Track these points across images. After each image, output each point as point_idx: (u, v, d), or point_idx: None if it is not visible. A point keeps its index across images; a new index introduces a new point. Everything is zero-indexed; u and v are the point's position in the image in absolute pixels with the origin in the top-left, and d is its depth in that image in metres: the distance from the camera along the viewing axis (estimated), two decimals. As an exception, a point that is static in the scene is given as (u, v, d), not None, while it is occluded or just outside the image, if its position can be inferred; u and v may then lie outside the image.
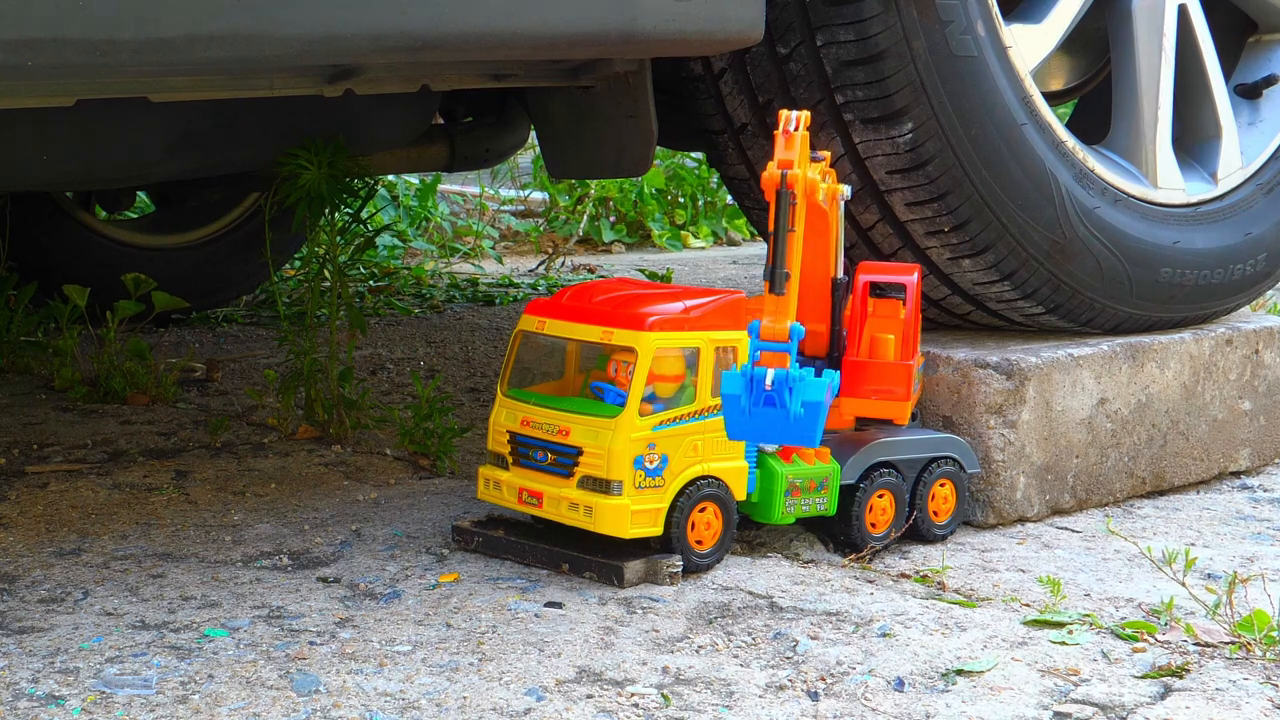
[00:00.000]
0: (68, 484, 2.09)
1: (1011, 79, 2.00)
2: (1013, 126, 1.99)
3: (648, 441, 1.69)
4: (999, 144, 1.98)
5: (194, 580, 1.72)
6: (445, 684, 1.44)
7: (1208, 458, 2.21)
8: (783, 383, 1.55)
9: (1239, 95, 2.40)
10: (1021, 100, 2.01)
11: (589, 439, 1.70)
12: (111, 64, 1.41)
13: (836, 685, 1.46)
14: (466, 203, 5.19)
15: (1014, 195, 2.00)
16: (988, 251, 2.02)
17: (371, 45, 1.53)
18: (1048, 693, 1.46)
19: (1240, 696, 1.45)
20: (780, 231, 1.60)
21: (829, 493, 1.80)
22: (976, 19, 1.95)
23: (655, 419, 1.70)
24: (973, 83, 1.95)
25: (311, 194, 2.15)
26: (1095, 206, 2.08)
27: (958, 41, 1.93)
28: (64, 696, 1.40)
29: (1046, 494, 2.02)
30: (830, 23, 1.91)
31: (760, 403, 1.56)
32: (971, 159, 1.96)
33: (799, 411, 1.55)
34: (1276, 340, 2.28)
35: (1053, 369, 2.01)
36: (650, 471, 1.70)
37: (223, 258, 3.41)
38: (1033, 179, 2.01)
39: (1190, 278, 2.18)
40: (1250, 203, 2.29)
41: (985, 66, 1.96)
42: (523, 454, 1.77)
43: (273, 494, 2.06)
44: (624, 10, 1.65)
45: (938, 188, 1.96)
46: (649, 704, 1.41)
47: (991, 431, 1.97)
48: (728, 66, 2.02)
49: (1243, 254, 2.26)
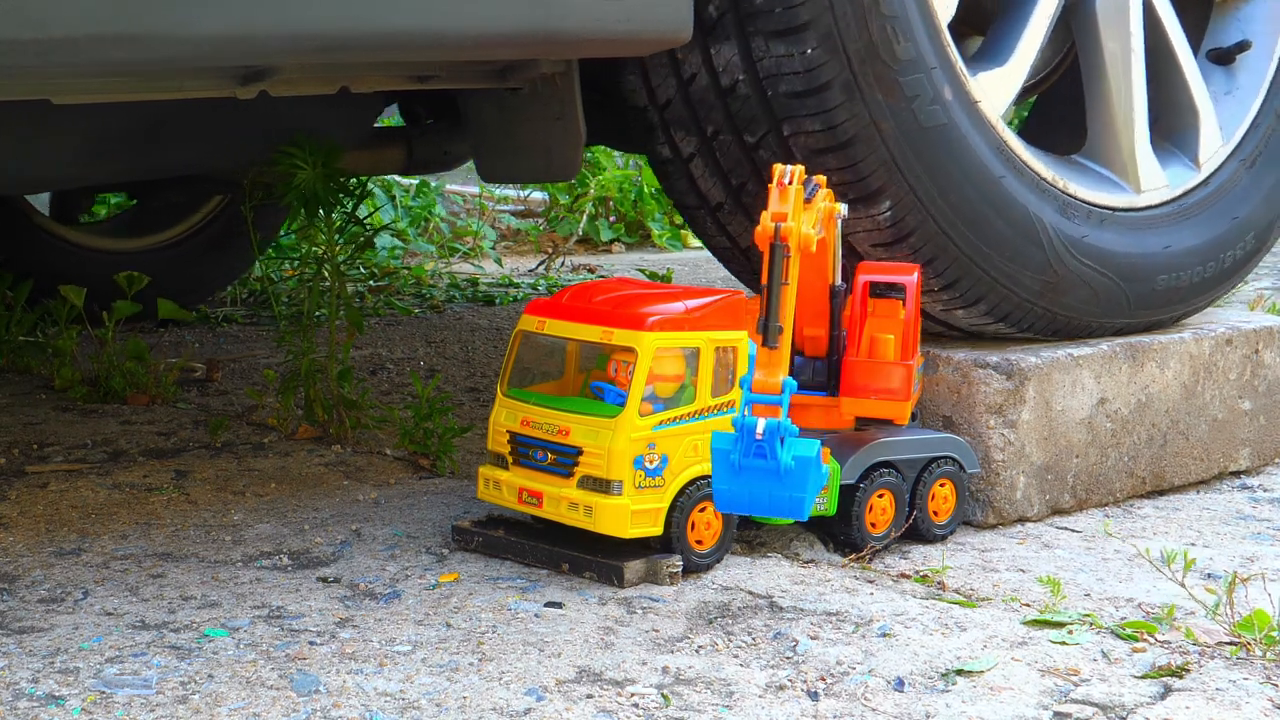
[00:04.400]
0: (68, 484, 2.08)
1: (985, 132, 1.97)
2: (992, 183, 1.96)
3: (648, 441, 1.69)
4: (980, 204, 1.96)
5: (194, 580, 1.72)
6: (445, 684, 1.44)
7: (1208, 457, 2.21)
8: (774, 433, 1.55)
9: (1211, 62, 2.35)
10: (997, 151, 1.98)
11: (589, 439, 1.70)
12: (11, 65, 1.37)
13: (836, 685, 1.46)
14: (466, 203, 5.19)
15: (1001, 249, 1.98)
16: (980, 303, 2.01)
17: (283, 46, 1.49)
18: (1048, 693, 1.46)
19: (1240, 696, 1.45)
20: (774, 285, 1.60)
21: (829, 492, 1.80)
22: (943, 85, 1.92)
23: (655, 419, 1.70)
24: (946, 150, 1.92)
25: (306, 194, 2.15)
26: (1083, 235, 2.06)
27: (926, 114, 1.90)
28: (64, 696, 1.40)
29: (1046, 494, 2.02)
30: (795, 114, 1.88)
31: (750, 454, 1.56)
32: (954, 223, 1.94)
33: (789, 464, 1.55)
34: (1276, 340, 2.28)
35: (1052, 369, 2.01)
36: (650, 471, 1.70)
37: (193, 258, 3.41)
38: (1018, 228, 1.99)
39: (1185, 279, 2.18)
40: (1234, 183, 2.26)
41: (957, 130, 1.93)
42: (523, 454, 1.77)
43: (273, 494, 2.06)
44: (546, 10, 1.62)
45: (922, 256, 1.95)
46: (649, 704, 1.41)
47: (991, 431, 1.97)
48: (696, 152, 1.99)
49: (1232, 239, 2.24)
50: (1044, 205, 2.02)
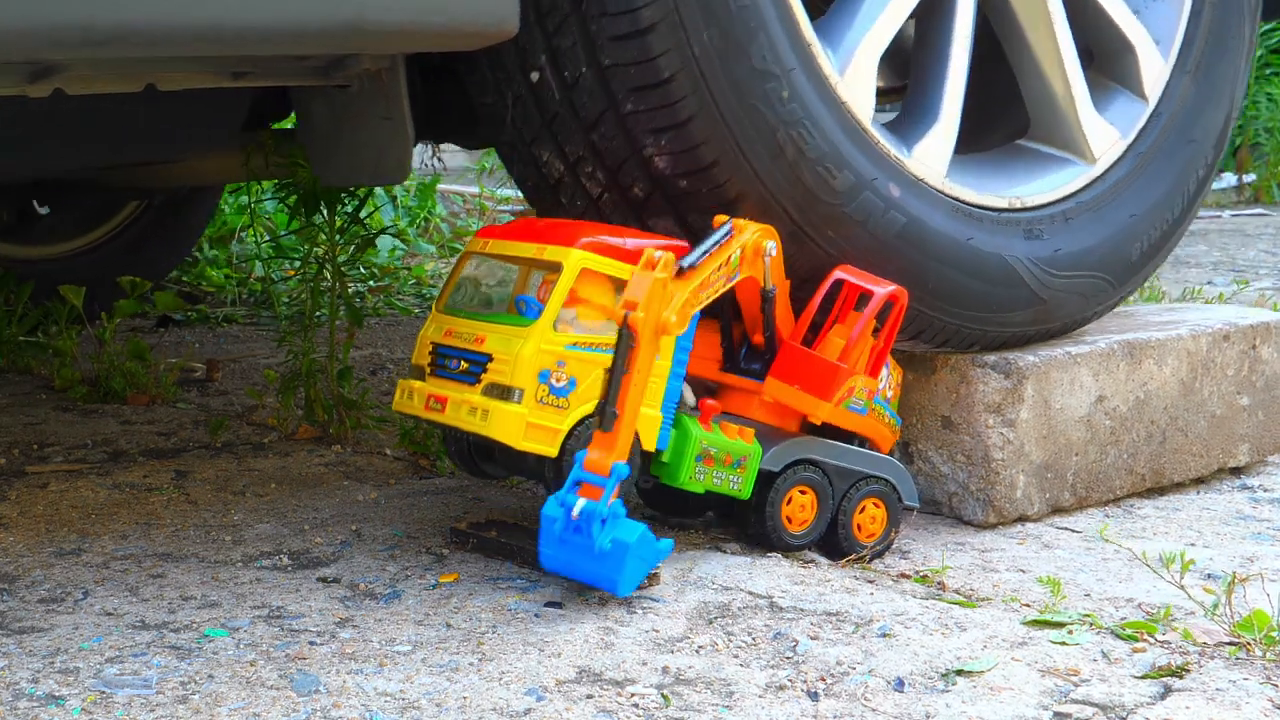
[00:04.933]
0: (68, 484, 2.09)
1: (838, 113, 1.84)
2: (971, 276, 1.93)
3: (558, 358, 1.65)
4: (966, 291, 1.93)
5: (194, 580, 1.72)
6: (445, 684, 1.44)
7: (1207, 454, 2.21)
8: (590, 516, 1.55)
9: None
10: (965, 241, 1.93)
11: (500, 346, 1.66)
12: None
13: (836, 685, 1.46)
14: (466, 203, 5.19)
15: (991, 305, 1.96)
16: (973, 345, 2.00)
17: (64, 40, 1.39)
18: (1048, 693, 1.46)
19: (1240, 696, 1.45)
20: (615, 372, 1.60)
21: (745, 473, 1.76)
22: (893, 184, 1.86)
23: (570, 337, 1.66)
24: (910, 258, 1.88)
25: (305, 192, 2.15)
26: (1057, 249, 2.03)
27: (883, 222, 1.85)
28: (64, 696, 1.40)
29: (1046, 492, 2.02)
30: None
31: (570, 529, 1.56)
32: (942, 308, 1.92)
33: (605, 546, 1.55)
34: (1273, 335, 2.28)
35: (1051, 367, 2.01)
36: (555, 390, 1.65)
37: (114, 260, 3.39)
38: (1003, 283, 1.96)
39: (1152, 235, 2.13)
40: (1184, 97, 2.16)
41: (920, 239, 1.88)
42: (439, 364, 1.74)
43: (273, 494, 2.06)
44: (350, 2, 1.53)
45: (915, 329, 1.94)
46: (649, 704, 1.41)
47: (990, 430, 1.97)
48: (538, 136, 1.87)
49: (1186, 175, 2.16)
50: (1022, 246, 1.98)
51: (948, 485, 2.01)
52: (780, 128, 1.76)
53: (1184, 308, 2.42)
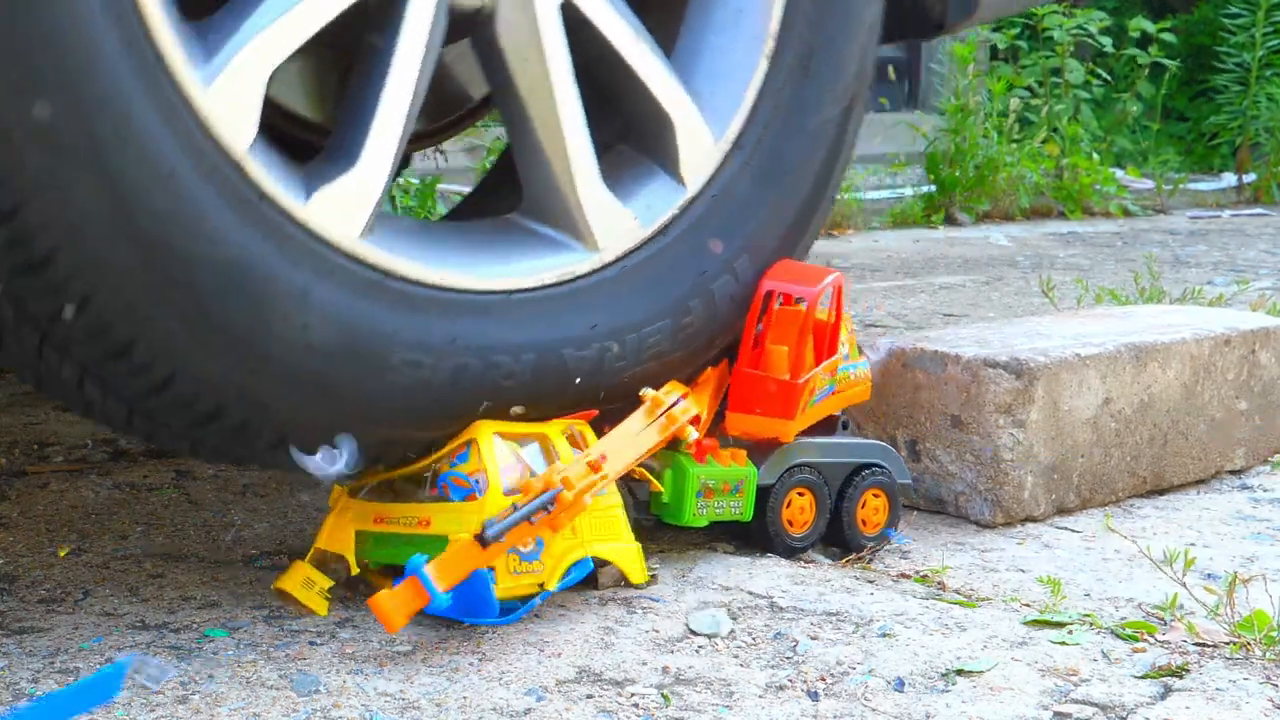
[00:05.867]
0: (68, 484, 2.09)
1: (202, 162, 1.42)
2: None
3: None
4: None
5: (194, 580, 1.72)
6: (445, 684, 1.44)
7: (1205, 457, 2.21)
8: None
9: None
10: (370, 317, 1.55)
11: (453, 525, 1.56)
12: None
13: (836, 685, 1.46)
14: (466, 202, 5.19)
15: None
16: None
17: None
18: (1048, 693, 1.46)
19: (1240, 696, 1.45)
20: None
21: (744, 496, 1.76)
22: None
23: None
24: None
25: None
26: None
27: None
28: (64, 697, 1.40)
29: (1053, 493, 2.02)
30: None
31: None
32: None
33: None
34: (1272, 340, 2.28)
35: (1060, 369, 2.01)
36: (525, 556, 1.58)
37: None
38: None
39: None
40: (734, 184, 1.80)
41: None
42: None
43: (273, 494, 2.06)
44: None
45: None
46: (649, 704, 1.41)
47: (1001, 431, 1.97)
48: None
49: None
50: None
51: (955, 485, 2.01)
52: None
53: (1184, 309, 2.43)
